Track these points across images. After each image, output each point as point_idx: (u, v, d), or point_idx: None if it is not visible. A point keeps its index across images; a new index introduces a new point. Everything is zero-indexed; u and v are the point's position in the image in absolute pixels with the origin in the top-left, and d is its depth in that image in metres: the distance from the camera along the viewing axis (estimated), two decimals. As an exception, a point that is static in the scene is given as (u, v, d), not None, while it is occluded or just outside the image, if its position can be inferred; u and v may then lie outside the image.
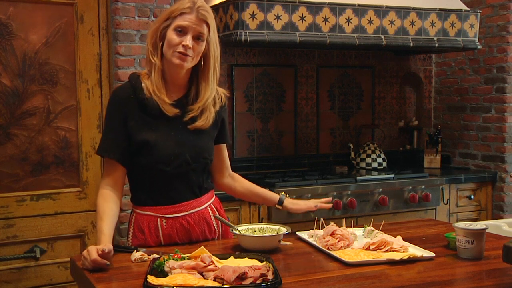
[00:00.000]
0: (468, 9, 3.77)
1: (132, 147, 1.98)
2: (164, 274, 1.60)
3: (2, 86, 2.97)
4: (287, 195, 2.22)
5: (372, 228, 2.08)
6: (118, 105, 1.99)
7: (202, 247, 1.69)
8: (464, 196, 3.88)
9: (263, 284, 1.51)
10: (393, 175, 3.65)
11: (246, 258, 1.72)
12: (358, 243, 1.99)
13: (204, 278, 1.57)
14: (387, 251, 1.86)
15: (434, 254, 1.83)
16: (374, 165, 3.96)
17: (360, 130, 4.22)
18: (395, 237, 1.95)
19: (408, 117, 4.40)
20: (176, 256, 1.66)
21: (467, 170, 4.12)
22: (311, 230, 2.10)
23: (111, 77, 3.14)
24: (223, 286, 1.51)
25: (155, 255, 1.77)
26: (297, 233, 2.11)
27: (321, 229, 2.04)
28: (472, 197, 3.90)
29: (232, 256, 1.73)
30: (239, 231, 1.97)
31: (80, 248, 3.14)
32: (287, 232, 1.96)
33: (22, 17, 2.98)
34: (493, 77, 4.00)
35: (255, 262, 1.69)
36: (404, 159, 4.34)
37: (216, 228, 2.12)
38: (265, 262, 1.68)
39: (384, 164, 4.00)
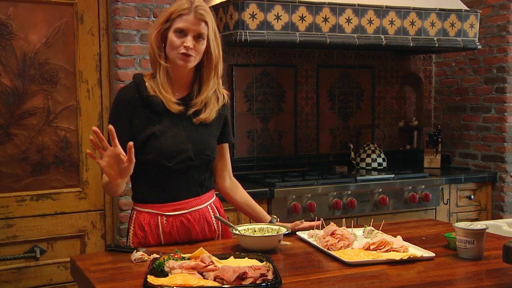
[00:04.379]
0: (468, 9, 3.77)
1: (137, 144, 1.96)
2: (164, 274, 1.59)
3: (2, 86, 2.97)
4: (278, 219, 2.23)
5: (372, 228, 2.08)
6: (123, 104, 2.02)
7: (201, 248, 1.68)
8: (464, 196, 3.88)
9: (263, 284, 1.51)
10: (393, 175, 3.65)
11: (246, 258, 1.72)
12: (358, 243, 1.99)
13: (204, 278, 1.57)
14: (387, 251, 1.86)
15: (434, 254, 1.83)
16: (374, 165, 3.96)
17: (360, 130, 4.22)
18: (395, 237, 1.94)
19: (408, 117, 4.40)
20: (176, 256, 1.66)
21: (467, 170, 4.12)
22: (311, 230, 2.10)
23: (111, 77, 3.14)
24: (223, 286, 1.50)
25: (155, 255, 1.77)
26: (297, 233, 2.11)
27: (321, 229, 2.04)
28: (472, 197, 3.90)
29: (232, 256, 1.73)
30: (239, 231, 1.97)
31: (80, 248, 3.14)
32: (287, 232, 1.96)
33: (22, 17, 2.98)
34: (493, 77, 4.00)
35: (255, 262, 1.69)
36: (404, 159, 4.34)
37: (216, 227, 2.12)
38: (265, 262, 1.68)
39: (384, 164, 4.00)
